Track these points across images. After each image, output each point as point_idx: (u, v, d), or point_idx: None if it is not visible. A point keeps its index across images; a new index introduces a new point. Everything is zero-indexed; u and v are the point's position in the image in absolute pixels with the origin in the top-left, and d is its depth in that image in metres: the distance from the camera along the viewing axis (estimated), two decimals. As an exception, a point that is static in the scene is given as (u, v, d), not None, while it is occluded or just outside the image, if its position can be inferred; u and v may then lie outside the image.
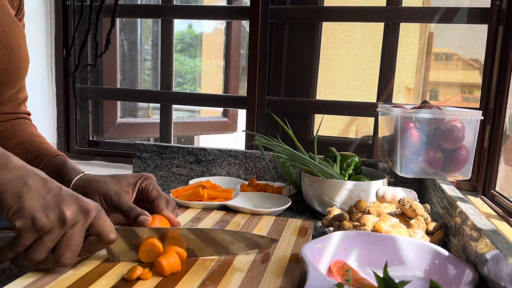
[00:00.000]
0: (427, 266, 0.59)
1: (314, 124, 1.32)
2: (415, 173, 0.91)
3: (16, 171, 0.50)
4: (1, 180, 0.49)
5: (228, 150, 1.13)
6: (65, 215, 0.50)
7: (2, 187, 0.49)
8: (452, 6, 1.13)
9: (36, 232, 0.49)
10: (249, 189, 0.99)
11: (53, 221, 0.50)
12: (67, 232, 0.51)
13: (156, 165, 1.17)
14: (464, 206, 0.68)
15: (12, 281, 0.53)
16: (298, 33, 1.28)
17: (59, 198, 0.51)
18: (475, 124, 0.90)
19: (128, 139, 1.53)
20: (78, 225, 0.52)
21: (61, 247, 0.51)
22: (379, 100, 1.22)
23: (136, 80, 1.67)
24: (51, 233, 0.50)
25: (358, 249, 0.62)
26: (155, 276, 0.55)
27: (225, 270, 0.58)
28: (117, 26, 1.49)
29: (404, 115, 0.89)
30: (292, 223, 0.79)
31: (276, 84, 1.29)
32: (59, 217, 0.50)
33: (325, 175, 0.88)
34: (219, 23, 1.73)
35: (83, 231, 0.53)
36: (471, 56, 1.21)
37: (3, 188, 0.49)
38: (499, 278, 0.49)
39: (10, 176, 0.49)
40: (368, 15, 1.19)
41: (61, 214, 0.50)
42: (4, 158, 0.50)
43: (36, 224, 0.49)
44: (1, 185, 0.49)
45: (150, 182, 0.70)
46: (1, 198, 0.48)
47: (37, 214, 0.49)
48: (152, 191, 0.69)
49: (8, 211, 0.49)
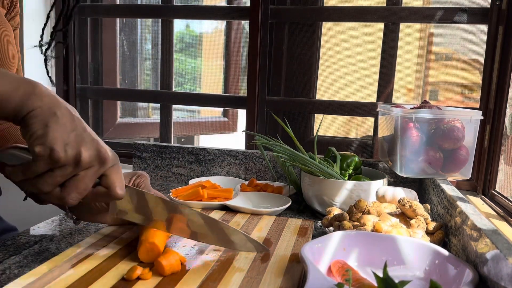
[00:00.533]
0: (427, 266, 0.59)
1: (314, 124, 1.32)
2: (415, 173, 0.91)
3: (46, 99, 0.51)
4: (32, 106, 0.50)
5: (228, 150, 1.13)
6: (82, 156, 0.51)
7: (32, 113, 0.50)
8: (452, 6, 1.13)
9: (50, 163, 0.50)
10: (249, 189, 0.99)
11: (69, 158, 0.51)
12: (79, 174, 0.52)
13: (156, 165, 1.17)
14: (464, 206, 0.68)
15: (12, 281, 0.53)
16: (298, 33, 1.28)
17: (80, 138, 0.52)
18: (475, 124, 0.90)
19: (128, 139, 1.53)
20: (91, 170, 0.53)
21: (69, 186, 0.53)
22: (379, 100, 1.22)
23: (136, 80, 1.67)
24: (64, 169, 0.51)
25: (358, 249, 0.62)
26: (155, 276, 0.55)
27: (225, 270, 0.58)
28: (117, 26, 1.49)
29: (404, 115, 0.89)
30: (292, 223, 0.79)
31: (276, 84, 1.29)
32: (76, 157, 0.51)
33: (325, 175, 0.88)
34: (219, 23, 1.73)
35: (94, 177, 0.54)
36: (471, 56, 1.21)
37: (32, 114, 0.50)
38: (499, 278, 0.49)
39: (41, 104, 0.50)
40: (368, 15, 1.19)
41: (78, 154, 0.51)
42: (31, 85, 0.51)
43: (53, 155, 0.50)
44: (31, 111, 0.50)
45: (143, 181, 0.70)
46: (29, 122, 0.50)
47: (57, 146, 0.50)
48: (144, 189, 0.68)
49: (31, 135, 0.50)
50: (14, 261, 0.60)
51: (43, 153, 0.50)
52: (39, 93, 0.51)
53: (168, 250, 0.59)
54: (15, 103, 0.49)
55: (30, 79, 0.52)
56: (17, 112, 0.50)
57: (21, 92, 0.50)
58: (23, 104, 0.50)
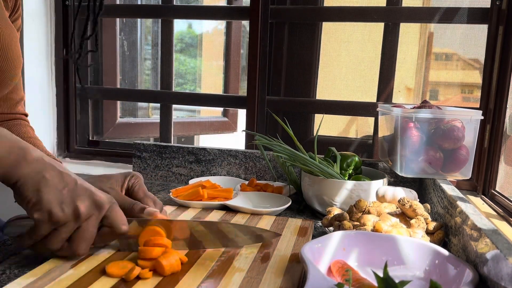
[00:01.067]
0: (427, 266, 0.59)
1: (314, 124, 1.32)
2: (415, 173, 0.91)
3: (34, 165, 0.53)
4: (21, 174, 0.52)
5: (228, 150, 1.13)
6: (80, 209, 0.54)
7: (21, 180, 0.52)
8: (452, 6, 1.13)
9: (52, 224, 0.53)
10: (249, 188, 0.99)
11: (68, 215, 0.53)
12: (81, 225, 0.55)
13: (156, 165, 1.17)
14: (464, 205, 0.68)
15: (12, 281, 0.53)
16: (298, 33, 1.28)
17: (74, 193, 0.54)
18: (475, 124, 0.90)
19: (128, 139, 1.53)
20: (92, 219, 0.55)
21: (76, 239, 0.55)
22: (379, 100, 1.22)
23: (136, 80, 1.67)
24: (66, 225, 0.54)
25: (358, 249, 0.62)
26: (155, 276, 0.55)
27: (225, 270, 0.58)
28: (117, 26, 1.49)
29: (404, 115, 0.89)
30: (292, 223, 0.79)
31: (276, 84, 1.29)
32: (74, 212, 0.54)
33: (325, 175, 0.88)
34: (219, 23, 1.73)
35: (96, 224, 0.56)
36: (471, 56, 1.21)
37: (22, 181, 0.52)
38: (499, 278, 0.49)
39: (29, 170, 0.53)
40: (368, 15, 1.19)
41: (76, 209, 0.54)
42: (22, 151, 0.53)
43: (52, 217, 0.52)
44: (20, 179, 0.52)
45: (137, 182, 0.71)
46: (21, 190, 0.52)
47: (54, 208, 0.52)
48: (138, 191, 0.70)
49: (27, 203, 0.52)
50: (14, 261, 0.60)
51: (42, 217, 0.52)
52: (29, 159, 0.53)
53: (168, 250, 0.59)
54: (4, 169, 0.51)
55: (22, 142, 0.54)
56: (7, 176, 0.52)
57: (12, 159, 0.52)
58: (12, 171, 0.52)
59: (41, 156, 0.54)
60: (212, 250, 0.65)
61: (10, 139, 0.53)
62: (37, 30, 1.35)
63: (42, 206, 0.52)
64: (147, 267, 0.56)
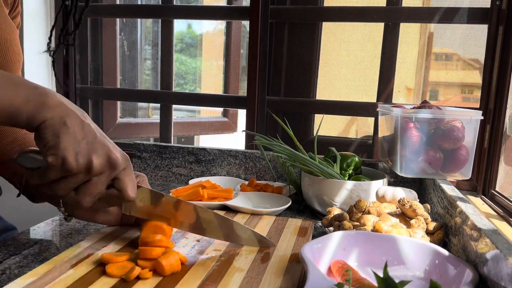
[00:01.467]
0: (427, 266, 0.59)
1: (314, 124, 1.32)
2: (415, 173, 0.91)
3: (57, 110, 0.53)
4: (43, 118, 0.52)
5: (228, 150, 1.13)
6: (93, 164, 0.54)
7: (43, 124, 0.52)
8: (452, 6, 1.13)
9: (63, 171, 0.53)
10: (249, 189, 0.99)
11: (81, 167, 0.53)
12: (91, 179, 0.55)
13: (156, 165, 1.17)
14: (464, 206, 0.68)
15: (12, 281, 0.53)
16: (298, 33, 1.28)
17: (91, 146, 0.54)
18: (475, 124, 0.90)
19: (128, 139, 1.53)
20: (103, 175, 0.55)
21: (83, 190, 0.56)
22: (379, 100, 1.22)
23: (136, 80, 1.68)
24: (77, 176, 0.54)
25: (358, 249, 0.62)
26: (155, 276, 0.55)
27: (225, 270, 0.58)
28: (117, 26, 1.49)
29: (404, 115, 0.89)
30: (292, 223, 0.79)
31: (276, 84, 1.29)
32: (87, 165, 0.54)
33: (325, 175, 0.88)
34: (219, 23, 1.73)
35: (106, 181, 0.56)
36: (471, 56, 1.21)
37: (44, 125, 0.52)
38: (499, 278, 0.49)
39: (51, 115, 0.52)
40: (368, 15, 1.19)
41: (89, 163, 0.54)
42: (42, 97, 0.53)
43: (65, 164, 0.52)
44: (43, 123, 0.52)
45: (142, 181, 0.71)
46: (41, 133, 0.52)
47: (69, 156, 0.52)
48: None
49: (45, 146, 0.52)
50: (14, 261, 0.60)
51: (55, 163, 0.52)
52: (50, 104, 0.52)
53: (168, 250, 0.59)
54: (26, 115, 0.52)
55: (42, 88, 0.54)
56: (29, 123, 0.52)
57: (32, 104, 0.52)
58: (34, 116, 0.52)
59: (61, 101, 0.54)
60: (212, 250, 0.65)
61: (27, 86, 0.53)
62: (37, 30, 1.35)
63: (57, 151, 0.52)
64: (147, 267, 0.56)
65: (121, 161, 0.56)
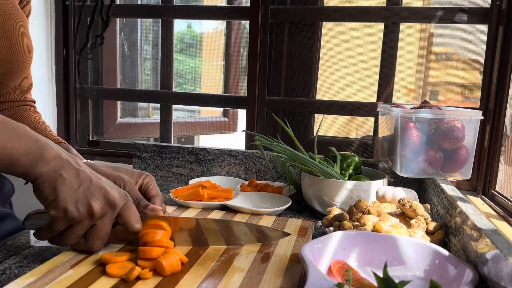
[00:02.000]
0: (427, 266, 0.59)
1: (314, 124, 1.32)
2: (415, 173, 0.91)
3: (52, 163, 0.55)
4: (40, 172, 0.54)
5: (228, 150, 1.13)
6: (93, 209, 0.56)
7: (40, 179, 0.54)
8: (452, 6, 1.13)
9: (68, 221, 0.56)
10: (249, 189, 0.99)
11: (83, 214, 0.56)
12: (96, 223, 0.57)
13: (156, 165, 1.17)
14: (464, 206, 0.68)
15: (12, 281, 0.53)
16: (298, 33, 1.28)
17: (88, 192, 0.56)
18: (475, 124, 0.90)
19: (128, 139, 1.53)
20: (106, 217, 0.58)
21: (91, 236, 0.58)
22: (379, 100, 1.22)
23: (136, 80, 1.67)
24: (81, 223, 0.56)
25: (358, 249, 0.62)
26: (155, 276, 0.55)
27: (225, 270, 0.58)
28: (117, 26, 1.49)
29: (404, 115, 0.89)
30: (292, 223, 0.79)
31: (276, 84, 1.29)
32: (88, 211, 0.56)
33: (325, 175, 0.88)
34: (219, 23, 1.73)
35: (110, 222, 0.59)
36: (471, 56, 1.21)
37: (41, 180, 0.54)
38: (499, 278, 0.49)
39: (48, 169, 0.55)
40: (368, 15, 1.19)
41: (90, 208, 0.56)
42: (40, 150, 0.55)
43: (68, 215, 0.55)
44: (39, 177, 0.54)
45: (151, 180, 0.74)
46: (40, 188, 0.55)
47: (69, 206, 0.55)
48: (153, 189, 0.73)
49: (45, 200, 0.55)
50: (14, 261, 0.60)
51: (58, 215, 0.55)
52: (47, 157, 0.55)
53: (168, 250, 0.59)
54: (24, 167, 0.53)
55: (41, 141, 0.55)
56: (26, 174, 0.54)
57: (31, 157, 0.54)
58: (31, 169, 0.54)
59: (58, 153, 0.56)
60: (212, 250, 0.65)
61: (29, 138, 0.54)
62: (37, 30, 1.35)
63: (58, 204, 0.54)
64: (147, 267, 0.56)
65: (119, 200, 0.58)
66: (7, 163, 0.53)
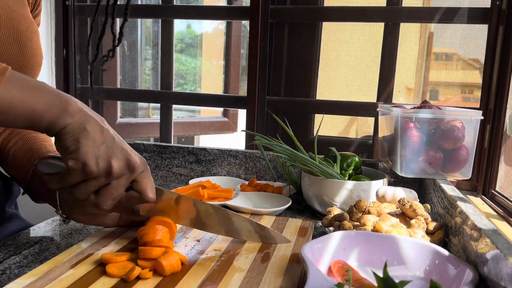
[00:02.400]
0: (427, 266, 0.59)
1: (314, 124, 1.32)
2: (415, 173, 0.91)
3: (77, 116, 0.54)
4: (64, 124, 0.54)
5: (228, 150, 1.13)
6: (113, 167, 0.55)
7: (64, 129, 0.54)
8: (452, 6, 1.13)
9: (84, 175, 0.55)
10: (249, 189, 0.99)
11: (101, 170, 0.55)
12: (111, 182, 0.57)
13: (156, 165, 1.17)
14: (464, 206, 0.68)
15: (12, 281, 0.53)
16: (298, 33, 1.28)
17: (110, 150, 0.55)
18: (475, 124, 0.90)
19: (128, 139, 1.53)
20: (123, 178, 0.57)
21: (103, 194, 0.57)
22: (379, 100, 1.22)
23: (136, 80, 1.68)
24: (97, 179, 0.56)
25: (358, 249, 0.62)
26: (155, 276, 0.55)
27: (225, 270, 0.58)
28: (117, 26, 1.49)
29: (404, 115, 0.89)
30: (292, 223, 0.79)
31: (276, 84, 1.29)
32: (107, 168, 0.55)
33: (325, 175, 0.88)
34: (219, 23, 1.73)
35: (126, 184, 0.58)
36: (471, 56, 1.21)
37: (65, 130, 0.54)
38: (499, 278, 0.49)
39: (72, 121, 0.54)
40: (368, 15, 1.19)
41: (109, 166, 0.55)
42: (63, 103, 0.54)
43: (86, 169, 0.54)
44: (64, 128, 0.54)
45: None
46: (63, 139, 0.54)
47: (89, 161, 0.54)
48: None
49: (65, 151, 0.54)
50: (14, 261, 0.60)
51: (76, 167, 0.54)
52: (71, 110, 0.54)
53: (168, 250, 0.59)
54: (48, 121, 0.53)
55: (64, 94, 0.55)
56: (50, 128, 0.54)
57: (54, 111, 0.53)
58: (55, 122, 0.53)
59: (83, 107, 0.56)
60: (212, 250, 0.65)
61: (50, 91, 0.54)
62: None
63: (78, 156, 0.54)
64: (147, 267, 0.56)
65: (139, 164, 0.58)
66: (31, 118, 0.52)
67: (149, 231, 0.62)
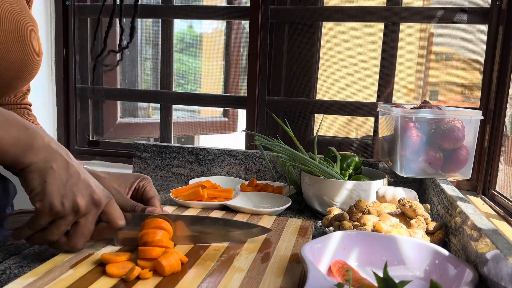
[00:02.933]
0: (427, 266, 0.59)
1: (314, 124, 1.32)
2: (415, 173, 0.91)
3: (43, 153, 0.54)
4: (29, 162, 0.53)
5: (228, 150, 1.13)
6: (79, 205, 0.55)
7: (29, 168, 0.53)
8: (452, 6, 1.13)
9: (52, 215, 0.55)
10: (249, 189, 0.99)
11: (68, 209, 0.55)
12: (79, 221, 0.57)
13: (156, 165, 1.17)
14: (464, 206, 0.68)
15: (12, 281, 0.53)
16: (298, 33, 1.28)
17: (76, 188, 0.55)
18: (475, 124, 0.90)
19: (128, 139, 1.53)
20: (90, 215, 0.58)
21: (74, 233, 0.58)
22: (379, 100, 1.22)
23: (136, 80, 1.67)
24: (65, 218, 0.55)
25: (358, 249, 0.62)
26: (155, 276, 0.55)
27: (225, 270, 0.58)
28: (117, 26, 1.49)
29: (404, 115, 0.89)
30: (292, 223, 0.79)
31: (276, 84, 1.29)
32: (73, 207, 0.55)
33: (325, 175, 0.88)
34: (219, 23, 1.73)
35: (94, 220, 0.58)
36: (471, 56, 1.21)
37: (30, 169, 0.53)
38: (499, 278, 0.49)
39: (37, 159, 0.53)
40: (368, 15, 1.19)
41: (75, 204, 0.55)
42: (31, 138, 0.53)
43: (52, 209, 0.54)
44: (28, 167, 0.53)
45: (148, 182, 0.74)
46: (28, 179, 0.53)
47: (55, 201, 0.54)
48: (150, 190, 0.73)
49: (31, 191, 0.54)
50: (14, 261, 0.60)
51: (43, 208, 0.54)
52: (36, 147, 0.53)
53: (168, 250, 0.59)
54: (13, 156, 0.52)
55: (32, 129, 0.54)
56: (14, 164, 0.53)
57: (21, 146, 0.52)
58: (20, 158, 0.53)
59: (48, 143, 0.55)
60: (212, 250, 0.65)
61: (18, 126, 0.53)
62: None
63: (44, 196, 0.53)
64: (147, 267, 0.56)
65: (103, 199, 0.58)
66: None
67: (149, 231, 0.62)
